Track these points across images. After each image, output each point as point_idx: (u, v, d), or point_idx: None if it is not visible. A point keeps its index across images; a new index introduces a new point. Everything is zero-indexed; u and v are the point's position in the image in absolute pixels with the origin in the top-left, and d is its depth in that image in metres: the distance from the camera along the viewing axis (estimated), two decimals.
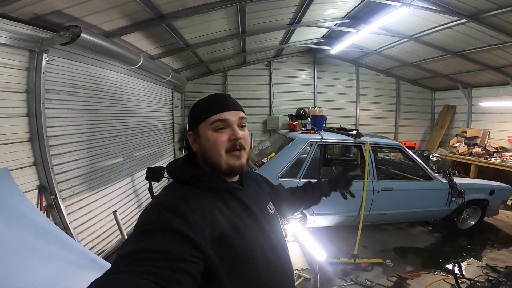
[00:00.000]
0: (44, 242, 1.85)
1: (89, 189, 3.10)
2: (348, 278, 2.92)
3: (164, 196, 0.78)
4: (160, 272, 0.56)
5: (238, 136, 0.82)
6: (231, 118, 0.83)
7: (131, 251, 0.60)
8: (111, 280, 0.54)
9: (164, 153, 5.79)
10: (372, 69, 7.99)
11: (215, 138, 0.81)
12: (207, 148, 0.82)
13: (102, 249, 3.17)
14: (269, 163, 3.34)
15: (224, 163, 0.81)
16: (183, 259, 0.61)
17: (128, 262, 0.58)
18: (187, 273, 0.60)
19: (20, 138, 2.34)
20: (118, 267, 0.58)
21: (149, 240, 0.62)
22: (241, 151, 0.83)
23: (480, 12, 3.84)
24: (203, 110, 0.85)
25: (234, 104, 0.86)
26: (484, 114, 6.75)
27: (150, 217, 0.69)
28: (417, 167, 3.81)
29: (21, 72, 2.34)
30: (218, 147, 0.81)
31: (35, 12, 2.33)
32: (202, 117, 0.84)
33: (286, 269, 0.89)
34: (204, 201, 0.75)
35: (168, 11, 3.30)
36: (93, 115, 3.28)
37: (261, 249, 0.80)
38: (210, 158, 0.82)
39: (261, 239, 0.82)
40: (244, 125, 0.87)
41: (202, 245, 0.66)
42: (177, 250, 0.62)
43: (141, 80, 4.61)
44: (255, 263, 0.77)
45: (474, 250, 3.65)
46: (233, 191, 0.84)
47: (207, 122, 0.82)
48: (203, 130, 0.83)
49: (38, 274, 1.58)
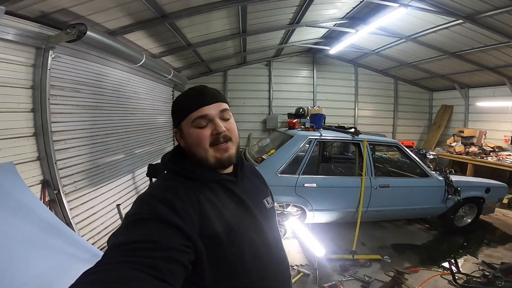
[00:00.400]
0: (48, 235, 1.87)
1: (91, 185, 3.13)
2: (347, 274, 2.95)
3: (155, 186, 0.78)
4: (150, 262, 0.56)
5: (220, 130, 0.80)
6: (211, 112, 0.81)
7: (122, 242, 0.60)
8: (101, 271, 0.54)
9: (164, 150, 5.81)
10: (370, 69, 8.06)
11: (197, 134, 0.80)
12: (191, 144, 0.82)
13: (103, 244, 3.19)
14: (269, 160, 3.39)
15: (211, 157, 0.81)
16: (173, 248, 0.61)
17: (118, 252, 0.58)
18: (178, 262, 0.60)
19: (25, 133, 2.38)
20: (108, 258, 0.58)
21: (139, 230, 0.62)
22: (228, 142, 0.82)
23: (476, 13, 3.91)
24: (182, 106, 0.83)
25: (214, 95, 0.84)
26: (481, 114, 6.84)
27: (141, 207, 0.69)
28: (414, 164, 3.86)
29: (27, 69, 2.38)
30: (202, 142, 0.80)
31: (42, 10, 2.37)
32: (182, 114, 0.83)
33: (279, 263, 0.88)
34: (193, 191, 0.75)
35: (171, 11, 3.34)
36: (96, 112, 3.31)
37: (251, 241, 0.80)
38: (196, 154, 0.82)
39: (252, 232, 0.81)
40: (227, 117, 0.85)
41: (192, 234, 0.66)
42: (168, 239, 0.62)
43: (143, 78, 4.65)
44: (243, 255, 0.77)
45: (471, 247, 3.69)
46: (223, 183, 0.84)
47: (188, 119, 0.81)
48: (185, 127, 0.82)
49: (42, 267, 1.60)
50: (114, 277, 0.52)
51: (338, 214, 3.62)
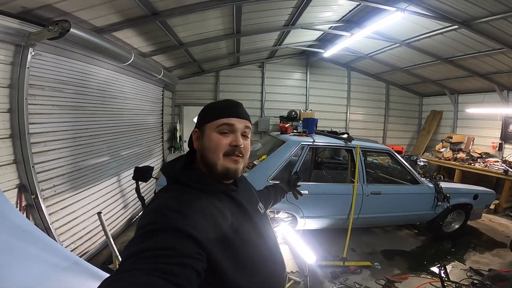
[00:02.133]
0: (23, 243, 1.75)
1: (72, 189, 3.00)
2: (337, 281, 2.94)
3: (167, 198, 0.79)
4: (167, 268, 0.58)
5: (239, 143, 0.85)
6: (237, 125, 0.87)
7: (138, 250, 0.62)
8: (120, 279, 0.55)
9: (152, 152, 5.68)
10: (363, 73, 8.10)
11: (218, 140, 0.85)
12: (207, 147, 0.86)
13: (85, 250, 3.10)
14: (260, 165, 3.32)
15: (220, 165, 0.84)
16: (188, 255, 0.63)
17: (135, 260, 0.59)
18: (192, 268, 0.62)
19: (0, 135, 2.24)
20: (126, 266, 0.59)
21: (154, 239, 0.64)
22: (239, 157, 0.86)
23: (472, 18, 3.93)
24: (214, 111, 0.89)
25: (244, 113, 0.91)
26: (470, 120, 6.95)
27: (155, 218, 0.70)
28: (405, 171, 3.87)
29: (5, 67, 2.25)
30: (218, 149, 0.84)
31: (24, 6, 2.25)
32: (211, 117, 0.87)
33: (279, 266, 0.92)
34: (204, 203, 0.78)
35: (163, 8, 3.24)
36: (79, 112, 3.17)
37: (256, 246, 0.84)
38: (208, 158, 0.85)
39: (255, 237, 0.86)
40: (247, 135, 0.91)
41: (206, 244, 0.68)
42: (183, 247, 0.64)
43: (131, 78, 4.51)
44: (253, 260, 0.81)
45: (458, 253, 3.73)
46: (229, 193, 0.88)
47: (215, 123, 0.86)
48: (208, 130, 0.87)
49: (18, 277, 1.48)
50: (133, 284, 0.53)
51: (329, 221, 3.59)
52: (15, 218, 1.92)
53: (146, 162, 5.10)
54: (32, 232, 1.93)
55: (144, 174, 3.26)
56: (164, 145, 6.55)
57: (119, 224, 3.92)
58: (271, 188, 1.50)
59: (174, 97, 7.33)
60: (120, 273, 0.57)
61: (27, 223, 2.00)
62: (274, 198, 1.48)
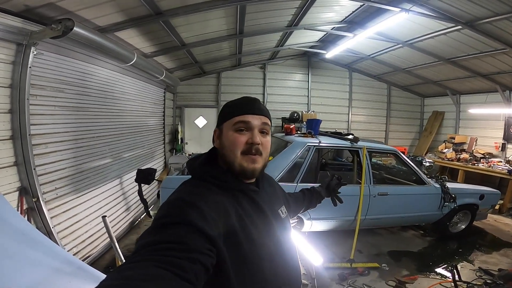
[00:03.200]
0: (25, 247, 1.71)
1: (74, 191, 2.94)
2: (345, 283, 2.91)
3: (184, 192, 0.79)
4: (177, 261, 0.58)
5: (256, 141, 0.84)
6: (254, 122, 0.85)
7: (149, 242, 0.63)
8: (130, 268, 0.56)
9: (154, 154, 5.62)
10: (365, 74, 8.09)
11: (234, 138, 0.84)
12: (225, 146, 0.86)
13: (87, 254, 3.03)
14: (266, 167, 3.26)
15: (238, 164, 0.84)
16: (199, 251, 0.63)
17: (147, 251, 0.60)
18: (201, 264, 0.62)
19: (1, 136, 2.19)
20: (137, 257, 0.60)
21: (167, 232, 0.65)
22: (257, 155, 0.84)
23: (476, 19, 3.92)
24: (230, 109, 0.88)
25: (261, 109, 0.89)
26: (472, 121, 6.94)
27: (170, 210, 0.71)
28: (411, 172, 3.85)
29: (6, 66, 2.20)
30: (236, 147, 0.84)
31: (27, 4, 2.21)
32: (228, 116, 0.87)
33: (293, 272, 0.90)
34: (220, 199, 0.78)
35: (166, 8, 3.21)
36: (81, 113, 3.12)
37: (268, 250, 0.82)
38: (226, 157, 0.85)
39: (269, 240, 0.84)
40: (267, 131, 0.89)
41: (216, 240, 0.69)
42: (194, 242, 0.64)
43: (133, 79, 4.46)
44: (261, 263, 0.79)
45: (466, 254, 3.71)
46: (248, 192, 0.87)
47: (231, 121, 0.86)
48: (226, 128, 0.87)
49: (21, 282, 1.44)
50: (141, 274, 0.54)
51: (336, 223, 3.55)
52: (16, 222, 1.87)
53: (148, 164, 5.04)
54: (34, 236, 1.88)
55: (147, 176, 3.21)
56: (166, 147, 6.50)
57: (121, 227, 3.85)
58: (307, 192, 1.42)
59: (175, 98, 7.29)
60: (130, 263, 0.58)
61: (29, 227, 1.95)
62: (308, 203, 1.40)
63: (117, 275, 0.55)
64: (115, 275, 0.55)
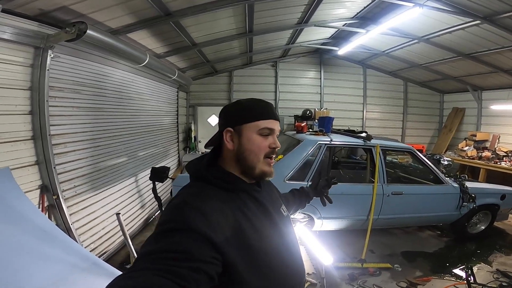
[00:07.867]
0: (44, 244, 1.80)
1: (92, 189, 3.05)
2: (355, 283, 2.87)
3: (188, 195, 0.79)
4: (178, 271, 0.58)
5: (278, 146, 0.88)
6: (276, 128, 0.89)
7: (152, 250, 0.63)
8: (131, 277, 0.57)
9: (168, 153, 5.74)
10: (379, 70, 7.88)
11: (260, 143, 0.85)
12: (247, 149, 0.85)
13: (104, 250, 3.14)
14: (276, 165, 3.24)
15: (259, 168, 0.86)
16: (202, 260, 0.63)
17: (149, 260, 0.61)
18: (204, 273, 0.62)
19: (22, 137, 2.29)
20: (139, 265, 0.61)
21: (171, 239, 0.64)
22: (273, 159, 0.89)
23: (494, 13, 3.75)
24: (253, 112, 0.87)
25: (277, 115, 0.92)
26: (494, 118, 6.61)
27: (174, 216, 0.70)
28: (428, 171, 3.72)
29: (25, 69, 2.29)
30: (261, 151, 0.85)
31: (41, 8, 2.29)
32: (250, 118, 0.86)
33: (299, 269, 0.92)
34: (226, 202, 0.78)
35: (175, 9, 3.25)
36: (97, 114, 3.23)
37: (277, 248, 0.83)
38: (247, 160, 0.85)
39: (276, 238, 0.85)
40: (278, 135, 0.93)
41: (223, 246, 0.68)
42: (198, 250, 0.63)
43: (146, 79, 4.56)
44: (271, 261, 0.80)
45: (484, 255, 3.58)
46: (251, 192, 0.87)
47: (256, 125, 0.85)
48: (248, 131, 0.85)
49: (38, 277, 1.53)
50: (142, 282, 0.55)
51: (347, 222, 3.49)
52: (36, 219, 1.96)
53: (162, 162, 5.15)
54: (53, 233, 1.97)
55: (160, 174, 3.28)
56: (180, 145, 6.62)
57: (136, 224, 3.96)
58: (296, 192, 1.42)
59: (188, 97, 7.39)
60: (132, 271, 0.59)
61: (48, 224, 2.05)
62: (298, 203, 1.40)
63: (120, 283, 0.56)
64: (118, 283, 0.56)
